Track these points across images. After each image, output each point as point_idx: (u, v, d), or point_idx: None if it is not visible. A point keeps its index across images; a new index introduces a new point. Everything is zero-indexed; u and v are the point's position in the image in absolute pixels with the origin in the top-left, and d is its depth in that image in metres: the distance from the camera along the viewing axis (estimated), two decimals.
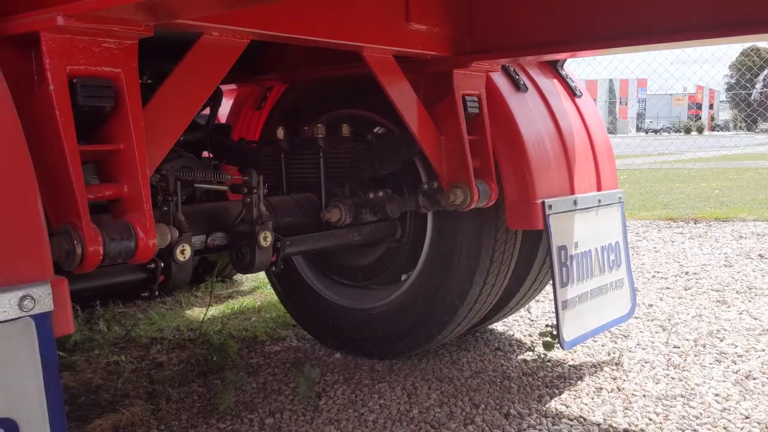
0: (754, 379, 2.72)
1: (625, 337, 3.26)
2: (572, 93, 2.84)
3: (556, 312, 2.47)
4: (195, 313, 3.84)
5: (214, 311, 3.80)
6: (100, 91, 1.41)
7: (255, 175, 2.21)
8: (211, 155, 2.95)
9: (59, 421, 1.19)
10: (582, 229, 2.60)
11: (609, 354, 3.03)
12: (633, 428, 2.32)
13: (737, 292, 4.10)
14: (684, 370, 2.82)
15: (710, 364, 2.89)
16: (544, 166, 2.52)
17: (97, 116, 1.47)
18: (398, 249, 2.85)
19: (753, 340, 3.20)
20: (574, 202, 2.58)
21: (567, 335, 2.49)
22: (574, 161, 2.65)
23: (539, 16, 2.17)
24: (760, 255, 5.17)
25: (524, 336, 3.30)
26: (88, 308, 3.81)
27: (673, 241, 5.90)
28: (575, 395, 2.59)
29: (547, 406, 2.50)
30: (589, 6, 2.07)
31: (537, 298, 3.41)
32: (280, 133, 2.72)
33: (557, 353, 3.00)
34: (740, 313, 3.64)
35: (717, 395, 2.57)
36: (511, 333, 3.35)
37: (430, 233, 2.75)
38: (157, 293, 2.05)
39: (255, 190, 2.20)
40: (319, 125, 2.64)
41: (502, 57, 2.33)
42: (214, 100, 2.95)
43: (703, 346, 3.11)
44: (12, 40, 1.38)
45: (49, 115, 1.36)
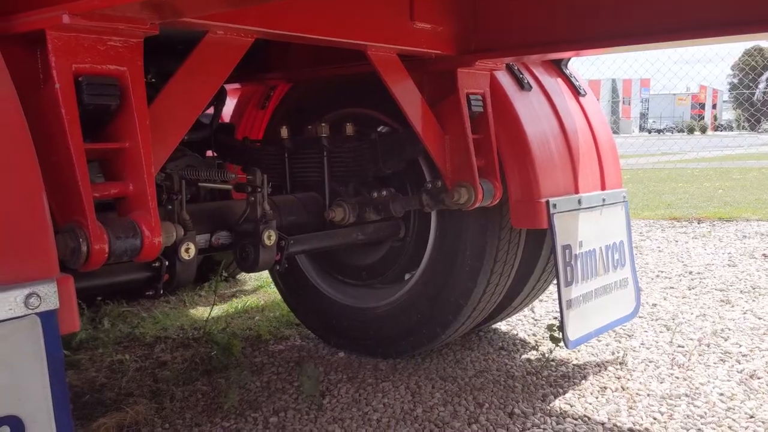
0: (759, 378, 2.71)
1: (630, 336, 3.26)
2: (576, 92, 2.83)
3: (561, 311, 2.46)
4: (199, 312, 3.84)
5: (217, 310, 3.80)
6: (105, 89, 1.41)
7: (259, 174, 2.21)
8: (215, 154, 2.96)
9: (65, 418, 1.19)
10: (586, 228, 2.59)
11: (613, 353, 3.03)
12: (637, 427, 2.32)
13: (741, 291, 4.09)
14: (688, 370, 2.81)
15: (715, 363, 2.89)
16: (549, 165, 2.52)
17: (103, 114, 1.47)
18: (402, 248, 2.85)
19: (757, 339, 3.19)
20: (579, 201, 2.57)
21: (571, 334, 2.49)
22: (579, 160, 2.65)
23: (543, 15, 2.17)
24: (764, 255, 5.16)
25: (528, 335, 3.30)
26: (92, 306, 3.81)
27: (676, 241, 5.89)
28: (579, 394, 2.59)
29: (551, 405, 2.50)
30: (593, 4, 2.06)
31: (540, 297, 3.41)
32: (283, 132, 2.72)
33: (561, 352, 3.00)
34: (744, 313, 3.64)
35: (721, 394, 2.56)
36: (515, 332, 3.34)
37: (434, 232, 2.74)
38: (161, 292, 2.05)
39: (259, 189, 2.20)
40: (322, 124, 2.64)
41: (506, 56, 2.33)
42: (218, 99, 2.95)
43: (708, 346, 3.11)
44: (18, 39, 1.38)
45: (54, 113, 1.36)
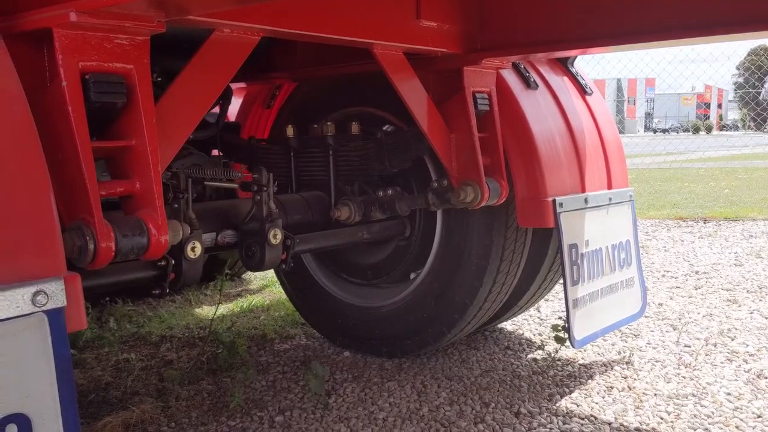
0: (766, 378, 2.70)
1: (636, 336, 3.25)
2: (583, 91, 2.82)
3: (567, 310, 2.46)
4: (204, 311, 3.85)
5: (223, 309, 3.80)
6: (112, 87, 1.41)
7: (265, 173, 2.21)
8: (220, 153, 2.96)
9: (72, 416, 1.19)
10: (593, 227, 2.58)
11: (619, 353, 3.02)
12: (644, 427, 2.31)
13: (748, 291, 4.08)
14: (695, 369, 2.80)
15: (721, 363, 2.87)
16: (555, 164, 2.51)
17: (110, 112, 1.47)
18: (408, 247, 2.84)
19: (764, 339, 3.17)
20: (585, 200, 2.56)
21: (578, 334, 2.48)
22: (585, 159, 2.64)
23: (549, 13, 2.16)
24: None
25: (534, 335, 3.29)
26: (98, 305, 3.82)
27: (682, 241, 5.87)
28: (586, 394, 2.58)
29: (557, 404, 2.49)
30: (599, 3, 2.05)
31: (546, 297, 3.40)
32: (289, 131, 2.73)
33: (567, 352, 2.99)
34: (751, 312, 3.62)
35: (728, 394, 2.55)
36: (521, 332, 3.34)
37: (440, 231, 2.74)
38: (167, 291, 2.05)
39: (265, 188, 2.20)
40: (328, 123, 2.64)
41: (512, 54, 2.32)
42: (224, 98, 2.96)
43: (714, 345, 3.09)
44: (25, 37, 1.38)
45: (61, 111, 1.37)
